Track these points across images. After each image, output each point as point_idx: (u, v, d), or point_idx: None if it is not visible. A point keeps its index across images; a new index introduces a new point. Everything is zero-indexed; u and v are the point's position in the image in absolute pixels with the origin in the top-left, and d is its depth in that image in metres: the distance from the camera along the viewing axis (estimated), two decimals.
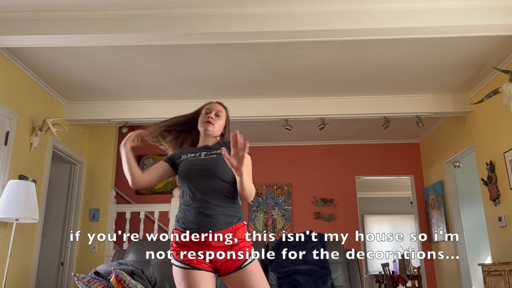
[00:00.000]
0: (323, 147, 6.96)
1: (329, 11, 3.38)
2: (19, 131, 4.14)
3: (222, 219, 1.90)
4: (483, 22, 3.33)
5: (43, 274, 4.87)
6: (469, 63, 4.30)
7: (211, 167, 1.95)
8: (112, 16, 3.42)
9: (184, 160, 2.03)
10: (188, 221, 1.91)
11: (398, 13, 3.36)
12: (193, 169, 1.97)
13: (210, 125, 2.12)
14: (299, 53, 4.04)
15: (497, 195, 4.54)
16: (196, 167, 1.97)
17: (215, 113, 2.17)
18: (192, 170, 1.97)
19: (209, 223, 1.88)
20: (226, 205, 1.93)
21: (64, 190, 5.30)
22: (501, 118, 4.43)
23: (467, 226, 5.87)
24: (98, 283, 3.08)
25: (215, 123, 2.14)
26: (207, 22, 3.39)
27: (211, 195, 1.92)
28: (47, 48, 3.89)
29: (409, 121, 5.61)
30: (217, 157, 1.99)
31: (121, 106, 5.21)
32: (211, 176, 1.94)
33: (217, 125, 2.15)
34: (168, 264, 3.57)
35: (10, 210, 3.53)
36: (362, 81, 4.69)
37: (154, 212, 5.31)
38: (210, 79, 4.63)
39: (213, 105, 2.21)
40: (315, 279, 3.25)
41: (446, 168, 5.94)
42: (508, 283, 3.74)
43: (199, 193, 1.92)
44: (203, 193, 1.92)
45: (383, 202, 10.09)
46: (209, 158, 1.99)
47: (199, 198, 1.92)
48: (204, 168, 1.96)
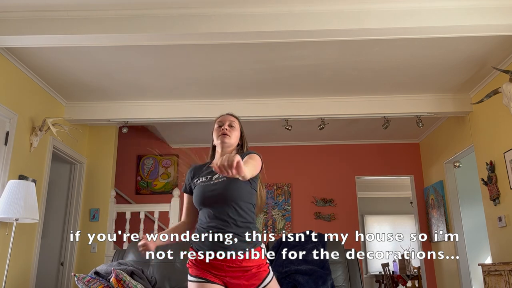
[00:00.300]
0: (323, 147, 6.96)
1: (329, 11, 3.38)
2: (19, 131, 4.14)
3: (237, 245, 1.87)
4: (483, 22, 3.33)
5: (43, 274, 4.87)
6: (469, 63, 4.30)
7: (223, 193, 1.92)
8: (112, 16, 3.41)
9: (197, 186, 2.02)
10: (203, 243, 1.92)
11: (398, 13, 3.36)
12: (206, 196, 1.95)
13: (226, 136, 2.08)
14: (299, 53, 4.04)
15: (497, 195, 4.54)
16: (208, 194, 1.95)
17: (229, 124, 2.13)
18: (205, 198, 1.95)
19: (223, 249, 1.87)
20: (241, 231, 1.90)
21: (64, 190, 5.30)
22: (501, 118, 4.43)
23: (467, 226, 5.87)
24: (98, 283, 3.08)
25: (231, 134, 2.10)
26: (207, 22, 3.39)
27: (226, 221, 1.89)
28: (47, 48, 3.89)
29: (409, 121, 5.61)
30: (227, 180, 1.94)
31: (121, 106, 5.21)
32: (224, 202, 1.91)
33: (233, 136, 2.11)
34: (168, 264, 3.58)
35: (10, 210, 3.53)
36: (362, 81, 4.69)
37: (154, 212, 5.31)
38: (210, 79, 4.63)
39: (225, 117, 2.18)
40: (315, 279, 3.25)
41: (446, 168, 5.94)
42: (508, 283, 3.74)
43: (214, 218, 1.91)
44: (218, 219, 1.90)
45: (383, 202, 10.09)
46: (220, 182, 1.96)
47: (213, 223, 1.91)
48: (216, 194, 1.93)
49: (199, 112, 5.18)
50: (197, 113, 5.18)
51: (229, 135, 2.09)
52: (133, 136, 6.81)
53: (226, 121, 2.14)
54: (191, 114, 5.19)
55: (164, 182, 6.88)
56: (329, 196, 6.68)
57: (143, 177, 6.91)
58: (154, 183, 6.88)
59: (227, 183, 1.93)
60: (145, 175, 6.91)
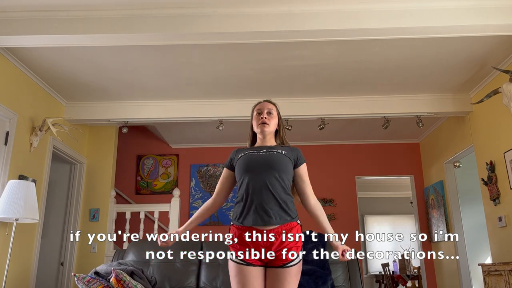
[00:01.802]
0: (323, 147, 6.96)
1: (329, 11, 3.38)
2: (19, 131, 4.14)
3: (278, 215, 1.98)
4: (483, 22, 3.33)
5: (43, 274, 4.87)
6: (469, 63, 4.30)
7: (270, 160, 2.06)
8: (112, 16, 3.41)
9: (242, 156, 2.14)
10: (243, 216, 2.01)
11: (398, 13, 3.36)
12: (252, 162, 2.07)
13: (265, 125, 2.20)
14: (299, 53, 4.04)
15: (497, 195, 4.54)
16: (255, 160, 2.07)
17: (267, 111, 2.24)
18: (251, 163, 2.07)
19: (264, 219, 1.96)
20: (282, 201, 2.01)
21: (64, 190, 5.30)
22: (501, 118, 4.43)
23: (467, 226, 5.87)
24: (98, 283, 3.08)
25: (270, 122, 2.22)
26: (207, 22, 3.39)
27: (268, 190, 2.00)
28: (47, 48, 3.89)
29: (409, 121, 5.61)
30: (277, 154, 2.10)
31: (121, 106, 5.21)
32: (269, 168, 2.03)
33: (272, 124, 2.23)
34: (168, 264, 3.58)
35: (10, 210, 3.53)
36: (362, 81, 4.69)
37: (154, 212, 5.31)
38: (210, 79, 4.63)
39: (263, 104, 2.29)
40: (315, 279, 3.25)
41: (446, 168, 5.94)
42: (508, 283, 3.74)
43: (257, 188, 2.00)
44: (260, 188, 2.00)
45: (383, 202, 10.09)
46: (268, 154, 2.10)
47: (256, 192, 2.00)
48: (263, 161, 2.06)
49: (199, 112, 5.18)
50: (197, 113, 5.18)
51: (268, 123, 2.21)
52: (133, 136, 6.81)
53: (264, 109, 2.25)
54: (191, 114, 5.19)
55: (164, 182, 6.88)
56: (329, 196, 6.68)
57: (143, 177, 6.91)
58: (154, 183, 6.88)
59: (276, 156, 2.09)
60: (145, 175, 6.91)
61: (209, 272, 3.54)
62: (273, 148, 2.16)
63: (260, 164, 2.05)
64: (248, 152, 2.15)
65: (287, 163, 2.10)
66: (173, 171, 6.93)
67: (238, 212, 2.04)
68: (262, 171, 2.03)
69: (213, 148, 6.93)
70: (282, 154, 2.11)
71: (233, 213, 2.10)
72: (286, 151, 2.16)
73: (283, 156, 2.10)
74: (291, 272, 1.97)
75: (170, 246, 2.24)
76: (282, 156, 2.10)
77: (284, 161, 2.08)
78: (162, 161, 6.98)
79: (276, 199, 2.00)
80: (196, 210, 6.70)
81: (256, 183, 2.01)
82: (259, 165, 2.05)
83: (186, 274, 3.55)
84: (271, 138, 2.25)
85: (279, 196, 2.01)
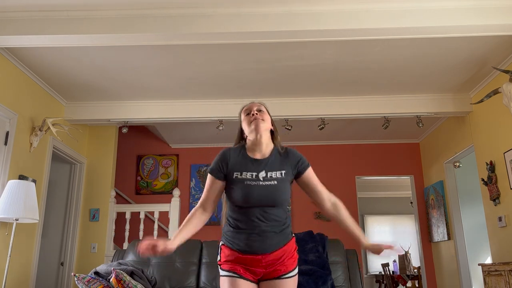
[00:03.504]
0: (323, 147, 6.96)
1: (328, 11, 3.38)
2: (19, 131, 4.14)
3: (274, 241, 1.87)
4: (483, 22, 3.33)
5: (43, 274, 4.87)
6: (469, 63, 4.30)
7: (272, 197, 1.86)
8: (112, 16, 3.41)
9: (240, 182, 1.88)
10: (238, 243, 1.88)
11: (398, 13, 3.36)
12: (252, 198, 1.85)
13: (259, 120, 1.93)
14: (299, 53, 4.04)
15: (497, 195, 4.54)
16: (255, 197, 1.85)
17: (257, 108, 1.99)
18: (251, 199, 1.85)
19: (260, 247, 1.85)
20: (279, 229, 1.89)
21: (64, 190, 5.30)
22: (501, 118, 4.43)
23: (467, 226, 5.87)
24: (98, 283, 3.08)
25: (264, 117, 1.96)
26: (207, 22, 3.39)
27: (266, 221, 1.86)
28: (47, 48, 3.89)
29: (409, 121, 5.61)
30: (278, 184, 1.89)
31: (121, 106, 5.21)
32: (271, 205, 1.87)
33: (266, 119, 1.97)
34: (168, 264, 3.58)
35: (10, 210, 3.53)
36: (362, 81, 4.69)
37: (154, 212, 5.31)
38: (210, 79, 4.62)
39: (251, 105, 2.04)
40: (315, 279, 3.25)
41: (446, 168, 5.94)
42: (508, 283, 3.74)
43: (255, 219, 1.86)
44: (259, 219, 1.86)
45: (383, 202, 10.09)
46: (269, 186, 1.87)
47: (254, 224, 1.86)
48: (263, 198, 1.86)
49: (199, 112, 5.18)
50: (197, 113, 5.18)
51: (263, 118, 1.95)
52: (133, 136, 6.81)
53: (253, 107, 2.00)
54: (191, 114, 5.19)
55: (164, 182, 6.88)
56: None
57: (143, 177, 6.90)
58: (154, 183, 6.88)
59: (278, 187, 1.88)
60: (145, 175, 6.91)
61: (209, 272, 3.54)
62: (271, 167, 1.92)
63: (261, 198, 1.85)
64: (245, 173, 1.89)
65: (287, 185, 1.92)
66: (173, 171, 6.93)
67: (231, 238, 1.90)
68: (262, 205, 1.86)
69: (213, 148, 6.92)
70: (282, 178, 1.90)
71: (225, 235, 1.95)
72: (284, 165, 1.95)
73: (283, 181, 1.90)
74: (288, 284, 1.88)
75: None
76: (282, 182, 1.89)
77: (285, 187, 1.90)
78: (162, 161, 6.98)
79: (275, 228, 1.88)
80: None
81: (254, 214, 1.85)
82: (259, 200, 1.85)
83: (186, 274, 3.55)
84: (267, 139, 1.98)
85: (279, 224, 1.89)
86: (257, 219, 1.85)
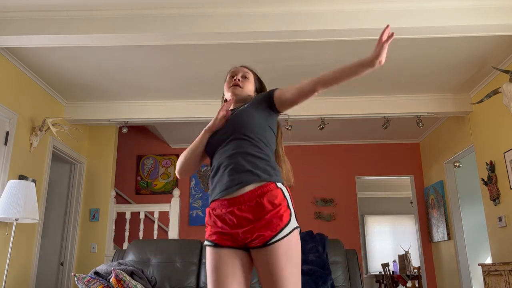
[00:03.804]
0: (323, 147, 6.96)
1: (328, 11, 3.38)
2: (19, 131, 4.14)
3: (246, 177, 1.56)
4: (483, 22, 3.33)
5: (43, 274, 4.87)
6: (469, 63, 4.30)
7: (234, 125, 1.69)
8: (112, 16, 3.42)
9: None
10: (214, 189, 1.65)
11: (398, 13, 3.36)
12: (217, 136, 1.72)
13: (237, 88, 1.83)
14: (299, 53, 4.04)
15: (497, 195, 4.54)
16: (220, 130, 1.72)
17: (242, 75, 1.89)
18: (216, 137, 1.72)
19: (232, 182, 1.57)
20: (252, 160, 1.61)
21: (64, 190, 5.30)
22: (501, 118, 4.43)
23: (467, 226, 5.87)
24: (98, 283, 3.08)
25: (243, 85, 1.85)
26: (207, 22, 3.39)
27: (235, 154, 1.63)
28: (47, 48, 3.89)
29: (409, 121, 5.61)
30: (238, 112, 1.72)
31: (121, 106, 5.21)
32: (232, 133, 1.67)
33: (246, 88, 1.86)
34: (168, 264, 3.58)
35: (10, 210, 3.53)
36: (362, 81, 4.69)
37: (154, 212, 5.31)
38: (210, 79, 4.63)
39: (238, 68, 1.93)
40: (315, 279, 3.25)
41: (446, 168, 5.94)
42: (508, 283, 3.74)
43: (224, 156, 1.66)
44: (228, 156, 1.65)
45: (383, 202, 10.09)
46: (233, 116, 1.73)
47: (223, 160, 1.65)
48: (227, 127, 1.71)
49: (199, 112, 5.18)
50: (197, 113, 5.18)
51: (241, 86, 1.84)
52: (133, 136, 6.81)
53: (239, 72, 1.90)
54: (191, 114, 5.19)
55: (164, 182, 6.88)
56: (329, 196, 6.68)
57: (143, 177, 6.91)
58: (154, 183, 6.88)
59: (240, 114, 1.70)
60: (145, 175, 6.91)
61: None
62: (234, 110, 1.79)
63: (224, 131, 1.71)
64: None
65: (253, 113, 1.71)
66: (173, 171, 6.93)
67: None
68: (225, 136, 1.70)
69: None
70: (245, 108, 1.74)
71: None
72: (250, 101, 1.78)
73: (246, 110, 1.73)
74: (277, 251, 1.46)
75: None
76: (244, 111, 1.72)
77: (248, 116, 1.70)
78: (162, 161, 6.98)
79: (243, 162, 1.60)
80: (196, 210, 6.73)
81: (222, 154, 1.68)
82: (222, 132, 1.72)
83: (186, 274, 3.55)
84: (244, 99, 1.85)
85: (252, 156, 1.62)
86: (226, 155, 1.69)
